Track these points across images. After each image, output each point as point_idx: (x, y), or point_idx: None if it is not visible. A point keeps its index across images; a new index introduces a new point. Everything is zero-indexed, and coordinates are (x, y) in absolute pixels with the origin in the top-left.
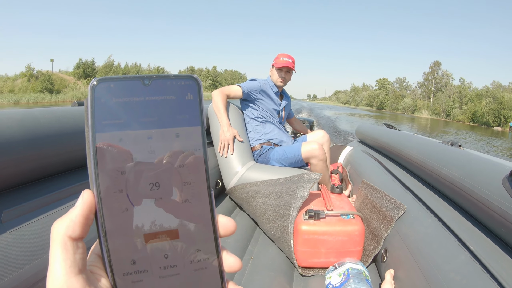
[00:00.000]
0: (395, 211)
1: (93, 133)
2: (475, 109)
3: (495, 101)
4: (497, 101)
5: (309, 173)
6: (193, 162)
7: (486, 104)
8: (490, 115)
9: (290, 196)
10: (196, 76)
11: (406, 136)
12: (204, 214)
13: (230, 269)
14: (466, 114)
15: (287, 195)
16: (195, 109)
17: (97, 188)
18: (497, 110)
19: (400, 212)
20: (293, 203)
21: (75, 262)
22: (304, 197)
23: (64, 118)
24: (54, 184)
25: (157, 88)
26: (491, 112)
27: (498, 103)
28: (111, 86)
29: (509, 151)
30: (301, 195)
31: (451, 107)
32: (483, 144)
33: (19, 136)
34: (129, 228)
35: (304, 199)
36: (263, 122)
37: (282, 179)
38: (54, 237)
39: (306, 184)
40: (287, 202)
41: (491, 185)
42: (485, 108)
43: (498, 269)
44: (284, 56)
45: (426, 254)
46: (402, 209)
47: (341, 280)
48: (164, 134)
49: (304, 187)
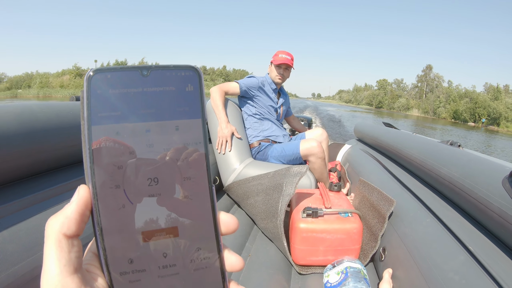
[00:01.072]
0: (387, 207)
1: (88, 125)
2: (456, 108)
3: (471, 101)
4: (473, 101)
5: (296, 167)
6: (193, 156)
7: (464, 104)
8: (467, 113)
9: (277, 192)
10: (196, 66)
11: (405, 135)
12: (205, 211)
13: (232, 268)
14: (449, 112)
15: (275, 192)
16: (195, 101)
17: (92, 183)
18: (473, 109)
19: (390, 207)
20: (280, 201)
21: (70, 260)
22: (291, 194)
23: (62, 112)
24: (51, 179)
25: (156, 79)
26: (467, 110)
27: (473, 103)
28: (108, 76)
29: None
30: (287, 192)
31: (438, 106)
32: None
33: (16, 130)
34: (126, 225)
35: (290, 196)
36: (261, 119)
37: (270, 173)
38: (48, 234)
39: (292, 179)
40: (275, 200)
41: (491, 186)
42: (463, 107)
43: (497, 270)
44: (283, 53)
45: (424, 254)
46: (392, 204)
47: (339, 278)
48: (163, 127)
49: (291, 183)
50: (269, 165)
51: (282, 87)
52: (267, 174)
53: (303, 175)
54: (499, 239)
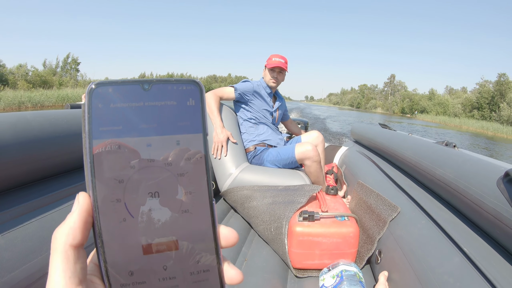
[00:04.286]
0: (389, 213)
1: (90, 139)
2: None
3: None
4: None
5: (310, 186)
6: (194, 171)
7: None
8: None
9: (288, 199)
10: (198, 80)
11: (401, 136)
12: (205, 224)
13: (231, 281)
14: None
15: (285, 198)
16: (196, 116)
17: (94, 197)
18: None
19: (394, 213)
20: (290, 206)
21: (75, 272)
22: (302, 203)
23: (56, 121)
24: (47, 187)
25: (157, 93)
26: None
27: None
28: (110, 90)
29: None
30: (299, 201)
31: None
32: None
33: (11, 139)
34: (127, 238)
35: (302, 204)
36: (257, 124)
37: (280, 187)
38: (56, 246)
39: (305, 193)
40: (284, 205)
41: (486, 186)
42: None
43: (492, 272)
44: (276, 56)
45: (420, 256)
46: (396, 210)
47: (335, 282)
48: (164, 142)
49: (303, 195)
50: (265, 170)
51: (277, 91)
52: (277, 187)
53: (315, 192)
54: (494, 240)
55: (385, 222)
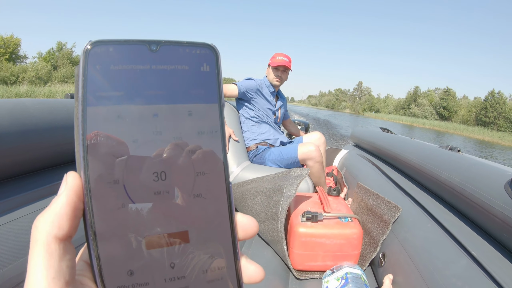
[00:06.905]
0: (391, 213)
1: (83, 106)
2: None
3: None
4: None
5: (297, 169)
6: (208, 147)
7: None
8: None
9: (278, 195)
10: (213, 44)
11: (404, 140)
12: (221, 212)
13: (251, 280)
14: (362, 109)
15: (275, 194)
16: (212, 83)
17: (85, 177)
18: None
19: (396, 214)
20: (281, 203)
21: (60, 272)
22: (291, 196)
23: (56, 110)
24: (43, 178)
25: (166, 56)
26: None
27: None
28: (110, 50)
29: None
30: (288, 195)
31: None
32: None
33: (8, 126)
34: (125, 229)
35: (291, 198)
36: (259, 122)
37: (270, 176)
38: (36, 238)
39: (293, 181)
40: (275, 202)
41: (493, 190)
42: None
43: (500, 275)
44: (281, 55)
45: (426, 259)
46: (397, 210)
47: (339, 284)
48: (174, 112)
49: (292, 185)
50: (266, 169)
51: (279, 90)
52: (267, 177)
53: (304, 177)
54: (502, 243)
55: (388, 224)
